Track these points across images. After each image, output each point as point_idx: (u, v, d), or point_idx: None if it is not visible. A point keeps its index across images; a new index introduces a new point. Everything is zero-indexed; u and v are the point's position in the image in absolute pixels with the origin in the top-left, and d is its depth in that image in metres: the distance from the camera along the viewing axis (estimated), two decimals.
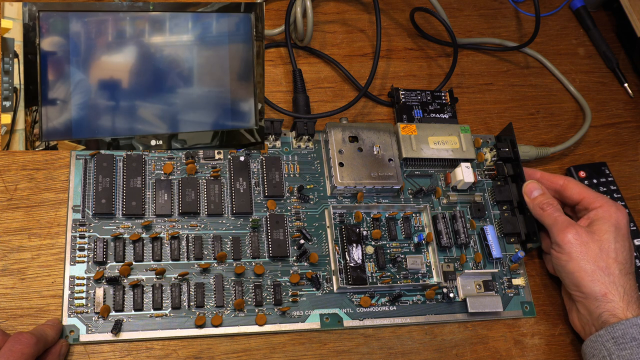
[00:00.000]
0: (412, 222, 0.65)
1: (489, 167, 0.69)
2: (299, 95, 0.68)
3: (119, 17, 0.56)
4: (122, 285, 0.55)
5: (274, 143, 0.65)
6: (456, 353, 0.60)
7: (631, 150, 0.78)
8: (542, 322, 0.64)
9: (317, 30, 0.76)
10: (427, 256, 0.64)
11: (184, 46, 0.58)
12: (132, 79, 0.56)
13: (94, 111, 0.56)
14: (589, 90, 0.81)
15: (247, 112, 0.61)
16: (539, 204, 0.63)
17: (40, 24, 0.53)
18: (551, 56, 0.82)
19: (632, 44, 0.84)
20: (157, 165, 0.61)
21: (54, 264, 0.55)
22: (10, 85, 0.52)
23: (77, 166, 0.59)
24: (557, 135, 0.77)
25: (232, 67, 0.60)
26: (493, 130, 0.74)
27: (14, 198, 0.58)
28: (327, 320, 0.58)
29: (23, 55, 0.53)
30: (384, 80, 0.75)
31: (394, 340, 0.60)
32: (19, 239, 0.56)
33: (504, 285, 0.64)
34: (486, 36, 0.82)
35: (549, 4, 0.86)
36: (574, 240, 0.59)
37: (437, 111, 0.71)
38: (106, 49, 0.55)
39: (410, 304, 0.61)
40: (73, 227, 0.57)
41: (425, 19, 0.81)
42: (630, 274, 0.58)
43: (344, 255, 0.60)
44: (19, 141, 0.53)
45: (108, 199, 0.58)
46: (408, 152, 0.66)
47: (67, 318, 0.53)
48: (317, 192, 0.64)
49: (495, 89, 0.78)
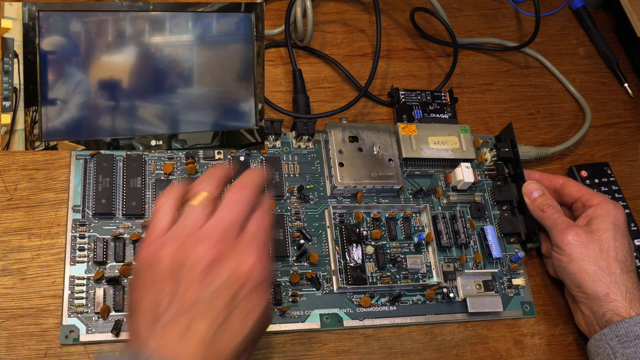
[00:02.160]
0: (412, 222, 0.65)
1: (489, 167, 0.69)
2: (299, 95, 0.68)
3: (119, 17, 0.56)
4: (122, 285, 0.55)
5: (274, 143, 0.65)
6: (456, 353, 0.60)
7: (631, 150, 0.78)
8: (542, 322, 0.64)
9: (317, 30, 0.76)
10: (427, 256, 0.64)
11: (184, 46, 0.58)
12: (132, 79, 0.56)
13: (94, 111, 0.56)
14: (589, 90, 0.81)
15: (247, 112, 0.61)
16: (538, 205, 0.63)
17: (40, 24, 0.53)
18: (551, 56, 0.82)
19: (632, 44, 0.84)
20: (157, 166, 0.61)
21: (54, 264, 0.55)
22: (10, 85, 0.52)
23: (77, 166, 0.59)
24: (557, 135, 0.77)
25: (232, 67, 0.60)
26: (493, 130, 0.74)
27: (14, 198, 0.58)
28: (327, 320, 0.58)
29: (23, 55, 0.53)
30: (384, 80, 0.75)
31: (394, 340, 0.60)
32: (19, 239, 0.56)
33: (504, 285, 0.64)
34: (486, 36, 0.82)
35: (549, 4, 0.86)
36: (574, 242, 0.59)
37: (437, 111, 0.71)
38: (106, 49, 0.55)
39: (410, 304, 0.61)
40: (73, 227, 0.57)
41: (425, 19, 0.81)
42: (632, 271, 0.59)
43: (344, 255, 0.60)
44: (19, 141, 0.53)
45: (108, 199, 0.58)
46: (408, 152, 0.66)
47: (67, 318, 0.53)
48: (317, 192, 0.64)
49: (495, 89, 0.78)
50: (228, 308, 0.42)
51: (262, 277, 0.43)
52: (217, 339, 0.41)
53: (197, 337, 0.40)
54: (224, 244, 0.43)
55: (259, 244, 0.44)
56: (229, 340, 0.42)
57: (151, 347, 0.40)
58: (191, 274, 0.42)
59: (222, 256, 0.42)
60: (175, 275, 0.42)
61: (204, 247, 0.42)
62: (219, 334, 0.41)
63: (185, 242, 0.43)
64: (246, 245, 0.44)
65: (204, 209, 0.45)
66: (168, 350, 0.40)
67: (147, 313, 0.42)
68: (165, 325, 0.41)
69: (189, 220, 0.44)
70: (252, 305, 0.43)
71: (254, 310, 0.43)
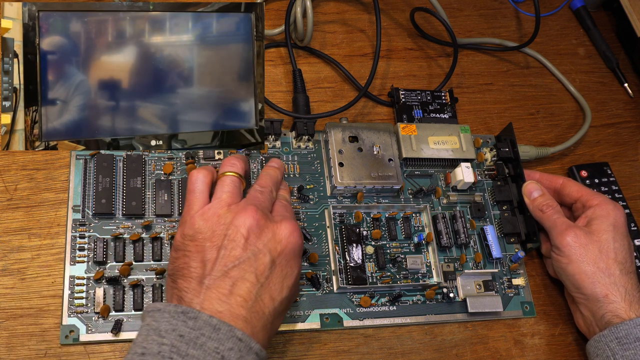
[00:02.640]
0: (412, 222, 0.65)
1: (489, 167, 0.69)
2: (299, 95, 0.68)
3: (119, 17, 0.56)
4: (122, 285, 0.55)
5: (274, 143, 0.65)
6: (456, 353, 0.60)
7: (631, 150, 0.78)
8: (542, 322, 0.64)
9: (317, 30, 0.76)
10: (427, 256, 0.64)
11: (184, 46, 0.58)
12: (132, 79, 0.56)
13: (94, 111, 0.56)
14: (589, 90, 0.81)
15: (247, 112, 0.61)
16: (538, 206, 0.63)
17: (40, 24, 0.53)
18: (551, 56, 0.82)
19: (632, 44, 0.84)
20: (157, 166, 0.61)
21: (54, 264, 0.55)
22: (10, 85, 0.52)
23: (77, 166, 0.59)
24: (557, 135, 0.77)
25: (232, 67, 0.60)
26: (493, 130, 0.74)
27: (14, 198, 0.58)
28: (327, 320, 0.58)
29: (23, 55, 0.53)
30: (384, 80, 0.75)
31: (394, 340, 0.60)
32: (19, 239, 0.56)
33: (504, 285, 0.64)
34: (486, 36, 0.82)
35: (549, 4, 0.86)
36: (573, 243, 0.59)
37: (437, 111, 0.71)
38: (106, 49, 0.55)
39: (410, 304, 0.61)
40: (73, 227, 0.57)
41: (425, 19, 0.81)
42: (631, 273, 0.59)
43: (344, 255, 0.60)
44: (19, 141, 0.53)
45: (108, 199, 0.58)
46: (408, 152, 0.66)
47: (67, 318, 0.53)
48: (317, 192, 0.64)
49: (495, 89, 0.78)
50: (268, 271, 0.45)
51: (297, 246, 0.48)
52: (258, 301, 0.45)
53: (239, 298, 0.44)
54: (262, 213, 0.47)
55: (291, 217, 0.49)
56: (268, 302, 0.45)
57: (196, 308, 0.43)
58: (233, 239, 0.46)
59: (261, 224, 0.47)
60: (218, 241, 0.46)
61: (243, 215, 0.46)
62: (259, 295, 0.45)
63: (226, 213, 0.47)
64: (281, 217, 0.49)
65: (238, 183, 0.50)
66: (213, 311, 0.43)
67: (191, 279, 0.45)
68: (209, 287, 0.44)
69: (225, 194, 0.48)
70: (288, 271, 0.47)
71: (290, 276, 0.47)
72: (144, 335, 0.43)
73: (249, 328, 0.43)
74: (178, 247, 0.47)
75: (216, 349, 0.41)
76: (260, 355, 0.43)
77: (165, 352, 0.41)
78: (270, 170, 0.55)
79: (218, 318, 0.42)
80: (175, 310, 0.43)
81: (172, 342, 0.41)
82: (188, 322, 0.42)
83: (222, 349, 0.41)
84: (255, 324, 0.44)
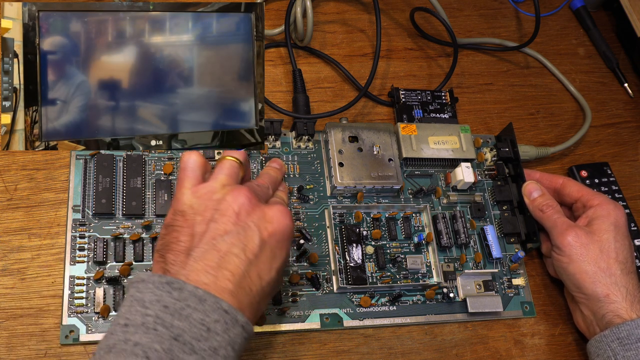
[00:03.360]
0: (412, 222, 0.65)
1: (489, 167, 0.69)
2: (299, 95, 0.68)
3: (119, 17, 0.56)
4: (122, 285, 0.55)
5: (274, 143, 0.65)
6: (456, 353, 0.60)
7: (631, 150, 0.78)
8: (542, 322, 0.64)
9: (317, 30, 0.76)
10: (427, 256, 0.64)
11: (184, 46, 0.58)
12: (132, 79, 0.56)
13: (94, 111, 0.56)
14: (589, 90, 0.81)
15: (247, 112, 0.61)
16: (538, 206, 0.63)
17: (40, 24, 0.53)
18: (551, 56, 0.82)
19: (632, 44, 0.84)
20: (157, 166, 0.61)
21: (54, 264, 0.55)
22: (10, 85, 0.52)
23: (77, 166, 0.59)
24: (557, 135, 0.77)
25: (232, 67, 0.60)
26: (493, 130, 0.74)
27: (14, 198, 0.58)
28: (327, 320, 0.58)
29: (23, 55, 0.53)
30: (384, 80, 0.75)
31: (394, 340, 0.60)
32: (19, 239, 0.56)
33: (504, 285, 0.64)
34: (486, 36, 0.82)
35: (549, 4, 0.86)
36: (574, 242, 0.59)
37: (437, 111, 0.71)
38: (106, 49, 0.55)
39: (410, 304, 0.61)
40: (73, 227, 0.57)
41: (425, 19, 0.81)
42: (632, 272, 0.59)
43: (344, 255, 0.60)
44: (19, 141, 0.53)
45: (108, 199, 0.58)
46: (408, 152, 0.66)
47: (67, 318, 0.53)
48: (317, 192, 0.64)
49: (495, 89, 0.78)
50: (257, 249, 0.45)
51: (288, 228, 0.47)
52: (246, 277, 0.44)
53: (227, 272, 0.43)
54: (255, 195, 0.47)
55: (284, 206, 0.49)
56: (256, 280, 0.45)
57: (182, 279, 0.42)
58: (224, 214, 0.45)
59: (253, 202, 0.46)
60: (208, 215, 0.45)
61: (236, 192, 0.46)
62: (247, 272, 0.44)
63: (220, 189, 0.47)
64: (274, 203, 0.49)
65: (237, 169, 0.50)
66: (199, 282, 0.42)
67: (179, 252, 0.45)
68: (196, 259, 0.43)
69: (222, 175, 0.48)
70: (277, 253, 0.47)
71: (278, 258, 0.47)
72: (128, 306, 0.42)
73: (235, 302, 0.43)
74: (168, 223, 0.47)
75: (202, 320, 0.40)
76: (246, 329, 0.43)
77: (150, 323, 0.40)
78: (270, 170, 0.55)
79: (204, 289, 0.41)
80: (160, 281, 0.42)
81: (156, 313, 0.40)
82: (173, 292, 0.41)
83: (208, 320, 0.41)
84: (242, 299, 0.43)
